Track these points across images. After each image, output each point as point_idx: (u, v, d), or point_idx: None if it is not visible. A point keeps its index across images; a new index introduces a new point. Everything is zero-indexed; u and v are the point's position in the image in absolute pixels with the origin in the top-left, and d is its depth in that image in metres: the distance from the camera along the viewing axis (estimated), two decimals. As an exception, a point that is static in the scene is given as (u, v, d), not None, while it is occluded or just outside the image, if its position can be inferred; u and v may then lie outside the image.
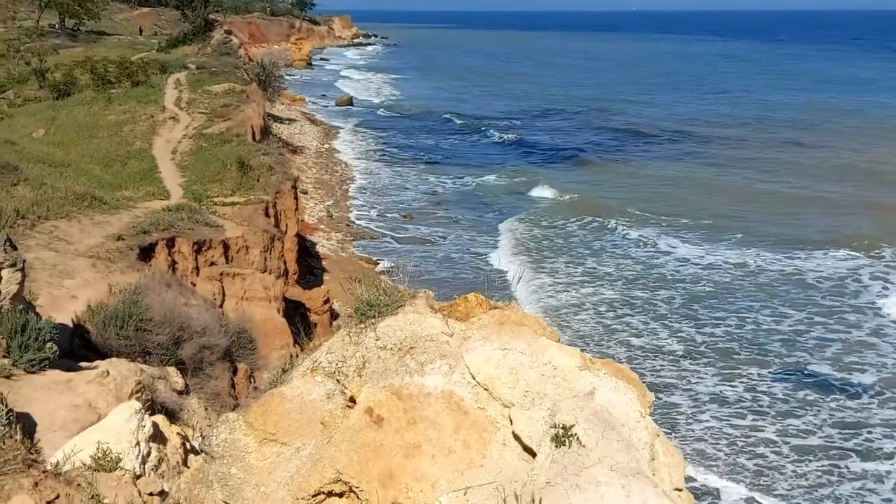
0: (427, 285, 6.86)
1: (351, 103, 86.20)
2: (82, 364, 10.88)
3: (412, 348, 5.88)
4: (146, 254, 19.39)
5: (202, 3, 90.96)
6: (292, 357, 6.85)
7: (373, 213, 43.04)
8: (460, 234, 39.23)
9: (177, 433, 9.17)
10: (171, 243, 20.34)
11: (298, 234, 28.80)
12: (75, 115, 34.91)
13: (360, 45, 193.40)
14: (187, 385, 12.76)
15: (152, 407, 10.32)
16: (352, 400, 5.70)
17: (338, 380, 6.04)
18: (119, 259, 18.09)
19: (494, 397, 5.53)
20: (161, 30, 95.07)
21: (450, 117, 77.90)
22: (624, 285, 32.04)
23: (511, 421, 5.38)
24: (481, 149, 63.48)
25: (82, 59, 50.39)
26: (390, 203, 45.23)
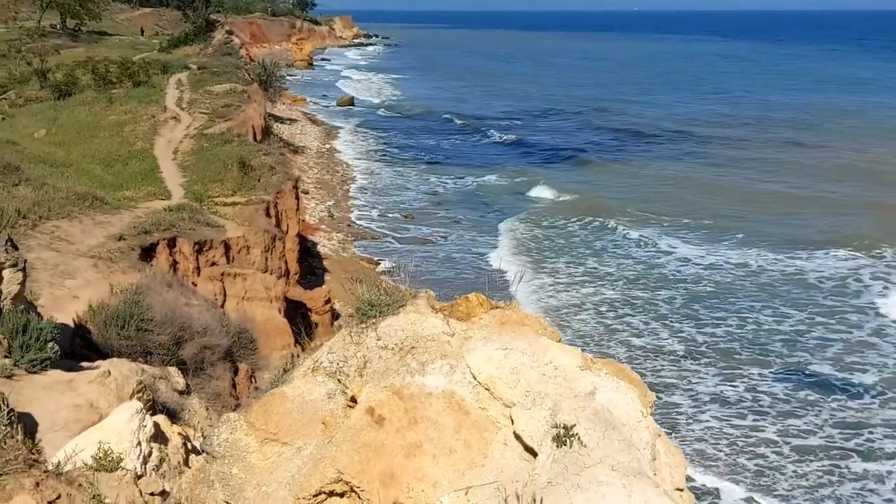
0: (428, 285, 6.86)
1: (352, 103, 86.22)
2: (84, 364, 10.89)
3: (413, 348, 5.88)
4: (147, 254, 19.40)
5: (203, 4, 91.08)
6: (293, 357, 6.85)
7: (374, 214, 43.04)
8: (461, 235, 39.23)
9: (178, 433, 9.17)
10: (172, 243, 20.35)
11: (299, 235, 28.81)
12: (77, 116, 34.93)
13: (360, 45, 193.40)
14: (188, 385, 12.77)
15: (153, 407, 10.32)
16: (353, 400, 5.70)
17: (339, 379, 6.04)
18: (120, 259, 18.10)
19: (495, 397, 5.54)
20: (162, 30, 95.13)
21: (450, 117, 77.92)
22: (625, 285, 32.03)
23: (512, 421, 5.38)
24: (482, 149, 63.49)
25: (84, 59, 50.46)
26: (391, 203, 45.23)
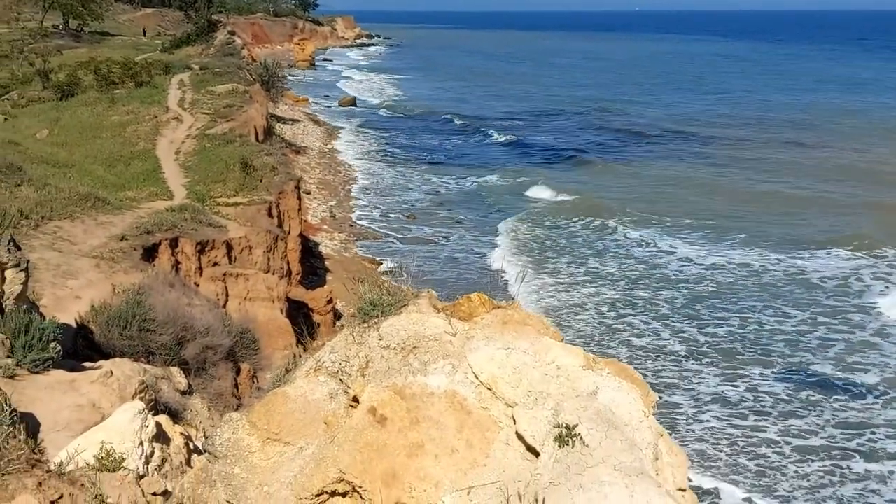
0: (430, 285, 6.86)
1: (354, 104, 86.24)
2: (86, 364, 10.90)
3: (415, 348, 5.88)
4: (150, 254, 19.43)
5: (205, 4, 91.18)
6: (295, 357, 6.85)
7: (376, 214, 43.05)
8: (463, 235, 39.23)
9: (180, 433, 9.18)
10: (174, 244, 20.37)
11: (301, 235, 28.82)
12: (79, 116, 34.96)
13: (363, 45, 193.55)
14: (190, 385, 12.78)
15: (156, 407, 10.33)
16: (355, 399, 5.70)
17: (341, 379, 6.04)
18: (122, 259, 18.13)
19: (497, 397, 5.53)
20: (164, 31, 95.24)
21: (452, 118, 77.97)
22: (626, 285, 32.02)
23: (514, 420, 5.38)
24: (483, 149, 63.50)
25: (86, 59, 50.52)
26: (393, 203, 45.24)
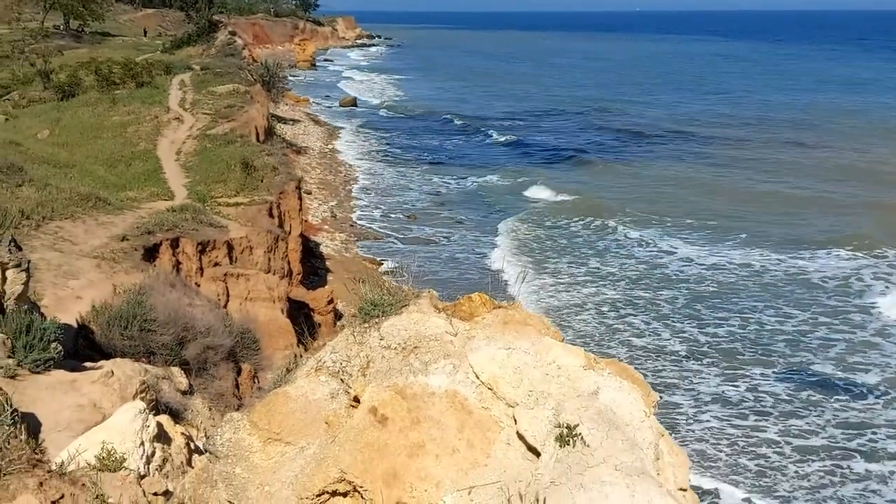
0: (431, 285, 6.86)
1: (355, 104, 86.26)
2: (87, 364, 10.90)
3: (416, 348, 5.88)
4: (150, 254, 19.44)
5: (206, 5, 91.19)
6: (296, 357, 6.85)
7: (376, 214, 43.06)
8: (464, 235, 39.23)
9: (181, 433, 9.18)
10: (175, 244, 20.38)
11: (302, 235, 28.81)
12: (80, 116, 34.97)
13: (363, 46, 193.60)
14: (191, 385, 12.78)
15: (156, 407, 10.33)
16: (356, 399, 5.70)
17: (342, 379, 6.04)
18: (123, 259, 18.13)
19: (498, 397, 5.53)
20: (165, 31, 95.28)
21: (452, 118, 78.01)
22: (627, 285, 32.02)
23: (515, 420, 5.38)
24: (484, 149, 63.52)
25: (87, 60, 50.52)
26: (394, 203, 45.25)
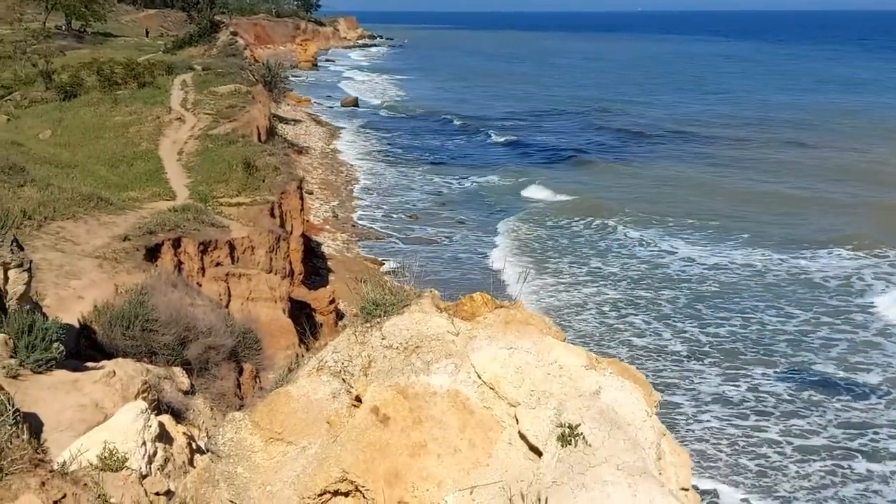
0: (433, 285, 6.86)
1: (356, 104, 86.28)
2: (89, 364, 10.91)
3: (418, 347, 5.88)
4: (152, 254, 19.45)
5: (208, 5, 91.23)
6: (298, 356, 6.84)
7: (378, 214, 43.08)
8: (466, 235, 39.24)
9: (183, 433, 9.19)
10: (176, 244, 20.39)
11: (304, 235, 28.82)
12: (82, 117, 34.99)
13: (365, 46, 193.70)
14: (193, 385, 12.78)
15: (158, 407, 10.34)
16: (357, 399, 5.70)
17: (343, 379, 6.04)
18: (125, 259, 18.14)
19: (500, 396, 5.53)
20: (167, 31, 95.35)
21: (453, 118, 78.04)
22: (628, 285, 32.02)
23: (517, 420, 5.38)
24: (485, 149, 63.54)
25: (89, 60, 50.53)
26: (396, 203, 45.26)
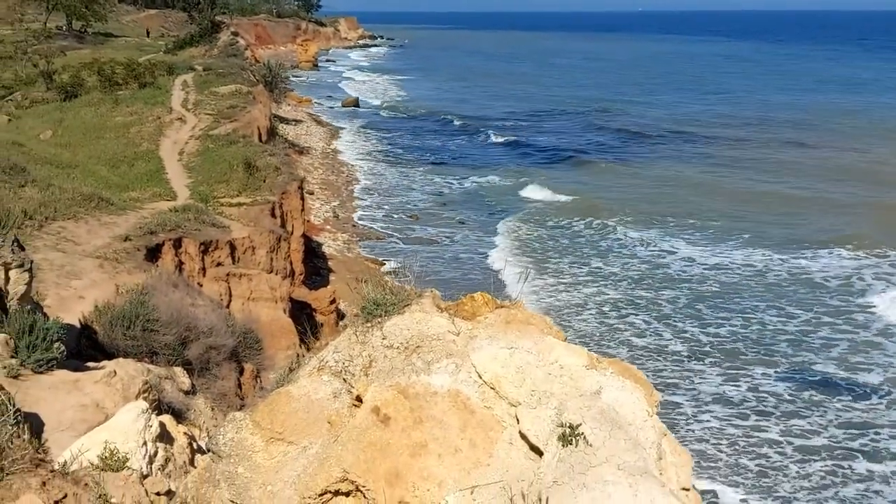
0: (434, 285, 6.86)
1: (357, 104, 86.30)
2: (90, 364, 10.92)
3: (419, 347, 5.87)
4: (153, 254, 19.46)
5: (209, 5, 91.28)
6: (299, 356, 6.84)
7: (379, 214, 43.08)
8: (467, 235, 39.24)
9: (183, 433, 9.20)
10: (177, 244, 20.40)
11: (304, 235, 28.82)
12: (82, 117, 35.01)
13: (365, 46, 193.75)
14: (194, 385, 12.79)
15: (159, 407, 10.35)
16: (358, 399, 5.70)
17: (344, 379, 6.04)
18: (126, 260, 18.15)
19: (501, 396, 5.53)
20: (168, 32, 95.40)
21: (453, 118, 78.05)
22: (628, 285, 32.01)
23: (518, 420, 5.38)
24: (485, 150, 63.55)
25: (89, 60, 50.55)
26: (396, 204, 45.26)
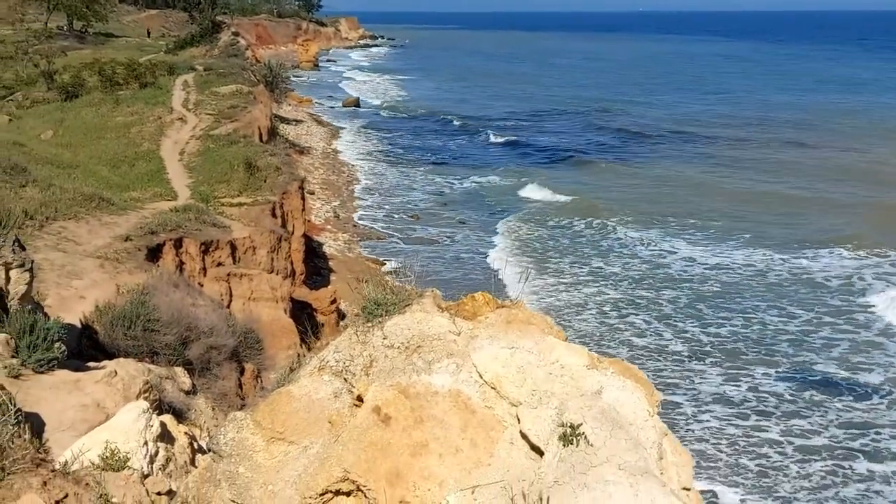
0: (434, 285, 6.86)
1: (357, 104, 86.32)
2: (90, 364, 10.92)
3: (419, 347, 5.87)
4: (154, 254, 19.46)
5: (209, 5, 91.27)
6: (300, 356, 6.84)
7: (379, 214, 43.08)
8: (467, 235, 39.24)
9: (184, 433, 9.20)
10: (178, 244, 20.41)
11: (305, 235, 28.81)
12: (83, 117, 35.01)
13: (366, 46, 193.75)
14: (195, 385, 12.79)
15: (160, 407, 10.35)
16: (359, 399, 5.70)
17: (345, 378, 6.04)
18: (127, 260, 18.16)
19: (502, 396, 5.53)
20: (169, 32, 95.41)
21: (454, 118, 78.06)
22: (629, 285, 32.00)
23: (518, 420, 5.38)
24: (486, 149, 63.56)
25: (90, 60, 50.54)
26: (397, 203, 45.27)
